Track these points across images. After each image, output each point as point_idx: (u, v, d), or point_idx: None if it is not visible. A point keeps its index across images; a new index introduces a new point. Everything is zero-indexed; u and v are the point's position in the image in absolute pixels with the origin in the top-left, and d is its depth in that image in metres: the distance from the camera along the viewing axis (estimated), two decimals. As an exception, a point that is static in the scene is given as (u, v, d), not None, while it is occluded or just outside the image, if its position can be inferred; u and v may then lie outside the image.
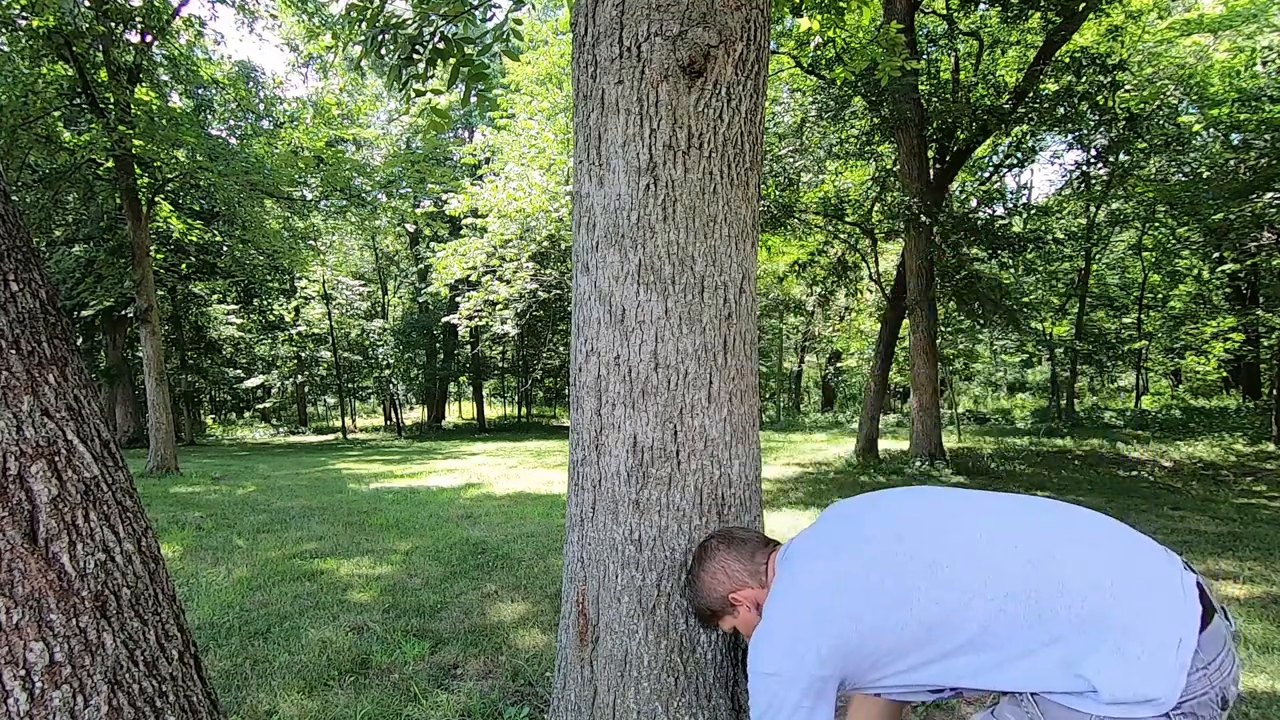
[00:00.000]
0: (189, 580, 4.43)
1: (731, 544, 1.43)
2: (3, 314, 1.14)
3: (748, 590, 1.39)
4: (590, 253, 1.63)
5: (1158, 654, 1.01)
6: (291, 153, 12.74)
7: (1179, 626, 1.03)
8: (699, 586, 1.44)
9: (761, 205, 8.34)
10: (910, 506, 1.29)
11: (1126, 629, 1.03)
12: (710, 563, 1.42)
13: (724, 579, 1.40)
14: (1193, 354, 20.19)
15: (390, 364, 27.27)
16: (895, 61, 4.70)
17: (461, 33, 3.50)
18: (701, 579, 1.43)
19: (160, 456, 11.11)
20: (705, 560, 1.44)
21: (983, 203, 13.56)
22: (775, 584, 1.32)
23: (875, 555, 1.21)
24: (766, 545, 1.43)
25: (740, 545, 1.43)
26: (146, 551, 1.28)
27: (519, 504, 7.44)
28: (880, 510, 1.31)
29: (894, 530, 1.23)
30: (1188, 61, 12.19)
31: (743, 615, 1.40)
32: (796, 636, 1.21)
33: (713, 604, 1.43)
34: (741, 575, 1.39)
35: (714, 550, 1.44)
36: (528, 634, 3.39)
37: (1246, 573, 4.34)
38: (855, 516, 1.33)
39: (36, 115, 10.61)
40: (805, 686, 1.20)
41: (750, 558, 1.40)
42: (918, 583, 1.14)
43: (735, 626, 1.44)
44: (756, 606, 1.38)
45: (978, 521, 1.20)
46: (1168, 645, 1.01)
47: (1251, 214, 9.82)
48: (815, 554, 1.30)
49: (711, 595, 1.42)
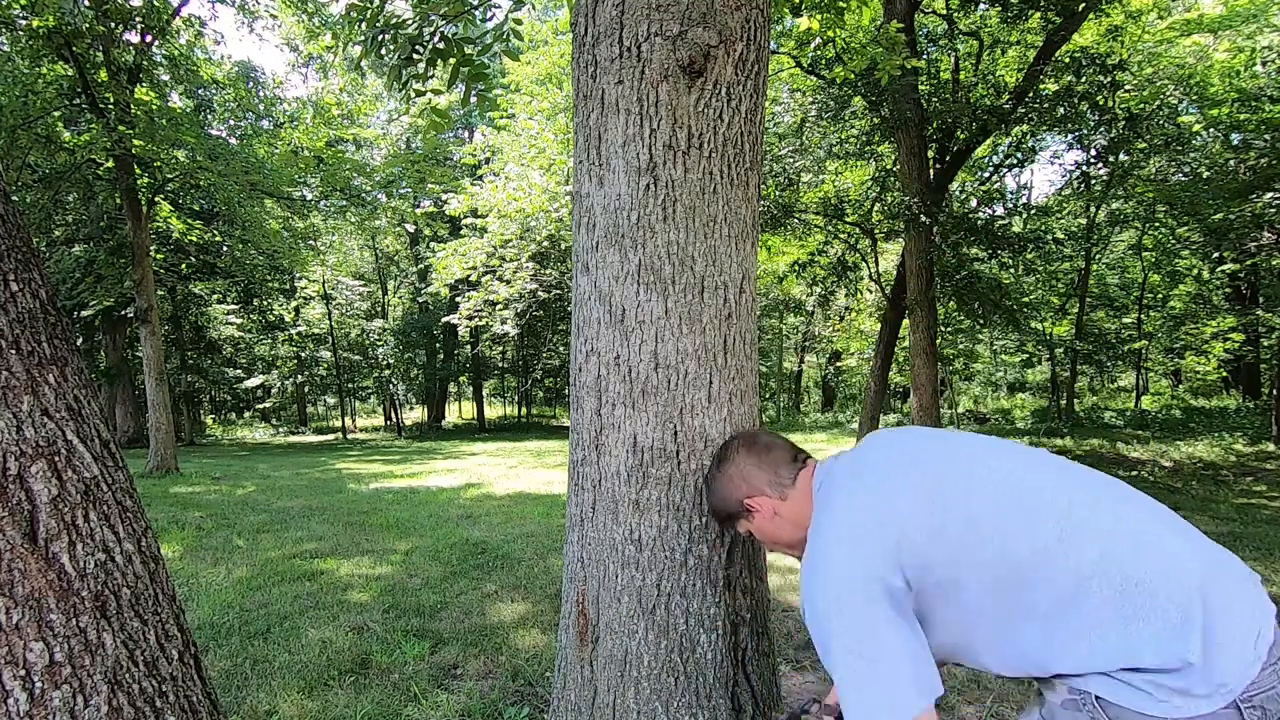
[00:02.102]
0: (189, 580, 4.43)
1: (753, 449, 1.35)
2: (3, 314, 1.14)
3: (764, 499, 1.31)
4: (590, 253, 1.63)
5: (1242, 642, 0.95)
6: (291, 153, 12.74)
7: (1260, 617, 0.98)
8: (715, 488, 1.39)
9: (761, 205, 8.34)
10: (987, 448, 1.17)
11: (1216, 614, 0.96)
12: (728, 465, 1.36)
13: (740, 484, 1.33)
14: (1193, 354, 20.19)
15: (390, 364, 27.27)
16: (895, 61, 4.70)
17: (461, 33, 3.50)
18: (718, 480, 1.37)
19: (160, 456, 11.11)
20: (724, 463, 1.37)
21: (983, 203, 13.56)
22: (820, 503, 1.20)
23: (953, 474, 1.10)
24: (795, 459, 1.33)
25: (763, 452, 1.34)
26: (146, 551, 1.28)
27: (519, 504, 7.44)
28: (952, 438, 1.20)
29: (970, 456, 1.13)
30: (1188, 61, 12.19)
31: (757, 522, 1.33)
32: (853, 555, 1.08)
33: (728, 507, 1.36)
34: (759, 483, 1.32)
35: (734, 453, 1.37)
36: (528, 634, 3.39)
37: (1246, 573, 4.33)
38: (916, 437, 1.23)
39: (36, 115, 10.61)
40: (879, 598, 1.05)
41: (773, 468, 1.32)
42: (1010, 516, 1.04)
43: (750, 531, 1.37)
44: (774, 514, 1.30)
45: (1061, 476, 1.09)
46: (1249, 635, 0.95)
47: (1251, 214, 9.82)
48: (872, 469, 1.18)
49: (728, 499, 1.35)
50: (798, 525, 1.27)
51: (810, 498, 1.26)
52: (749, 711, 1.61)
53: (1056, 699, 1.04)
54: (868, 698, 1.01)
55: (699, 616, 1.57)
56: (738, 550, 1.61)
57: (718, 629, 1.58)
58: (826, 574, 1.09)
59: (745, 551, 1.63)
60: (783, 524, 1.30)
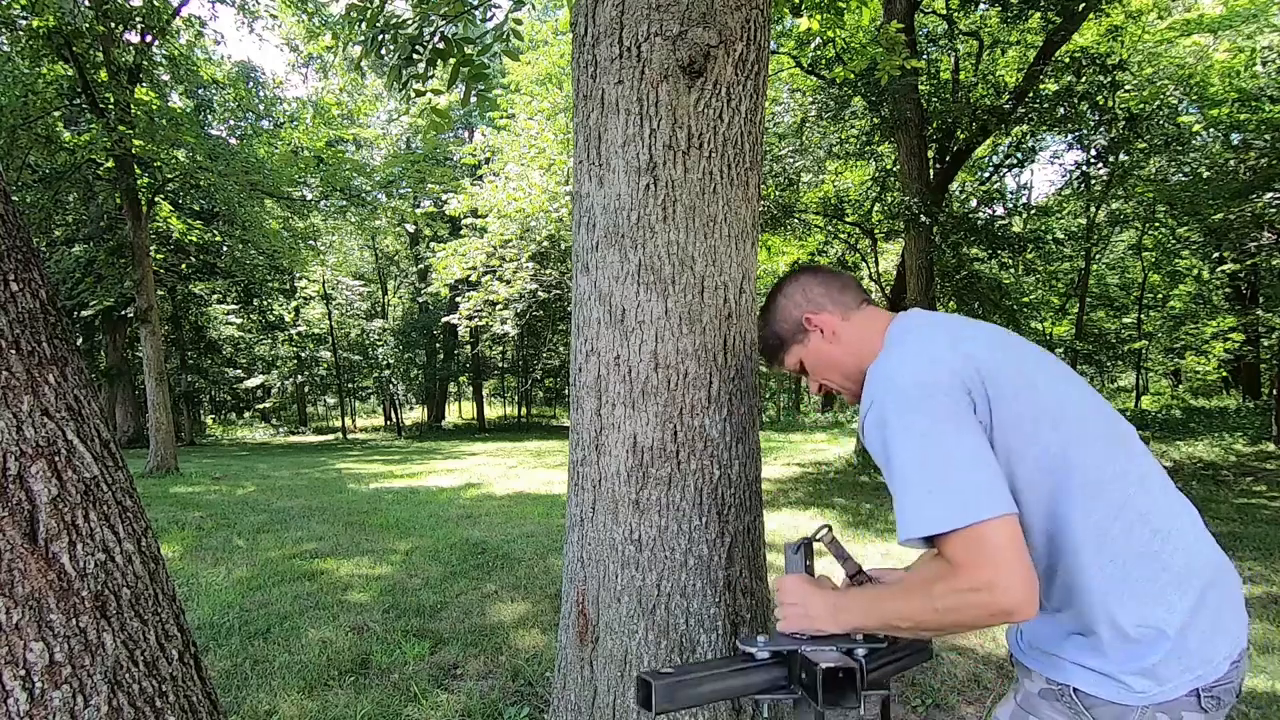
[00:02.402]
0: (189, 580, 4.43)
1: (818, 272, 1.28)
2: (3, 314, 1.14)
3: (826, 315, 1.22)
4: (590, 253, 1.63)
5: (1226, 642, 0.97)
6: (291, 153, 12.75)
7: (1242, 624, 1.01)
8: (771, 311, 1.29)
9: (761, 205, 8.35)
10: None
11: (1208, 608, 0.98)
12: (789, 285, 1.28)
13: (801, 300, 1.25)
14: (1193, 354, 20.20)
15: (390, 364, 27.27)
16: (895, 61, 4.70)
17: (461, 33, 3.50)
18: (776, 301, 1.29)
19: (160, 456, 11.11)
20: (783, 284, 1.30)
21: (983, 203, 13.57)
22: (894, 338, 1.13)
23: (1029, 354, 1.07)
24: (863, 293, 1.27)
25: (828, 275, 1.27)
26: (146, 551, 1.28)
27: (519, 504, 7.44)
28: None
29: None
30: (1188, 61, 12.19)
31: (814, 343, 1.24)
32: (935, 362, 1.00)
33: (783, 330, 1.27)
34: (822, 299, 1.24)
35: (795, 274, 1.29)
36: (528, 634, 3.39)
37: (1246, 573, 4.33)
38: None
39: (36, 115, 10.62)
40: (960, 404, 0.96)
41: (838, 289, 1.25)
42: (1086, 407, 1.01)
43: (802, 360, 1.28)
44: (834, 336, 1.22)
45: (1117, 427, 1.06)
46: (1231, 637, 0.98)
47: (1251, 214, 9.81)
48: (962, 320, 1.12)
49: (785, 319, 1.26)
50: (857, 354, 1.20)
51: (874, 328, 1.19)
52: (749, 712, 1.61)
53: (1034, 688, 1.05)
54: (937, 498, 0.90)
55: (699, 616, 1.57)
56: (738, 550, 1.61)
57: (718, 629, 1.58)
58: (902, 369, 1.01)
59: (745, 552, 1.63)
60: (841, 350, 1.22)
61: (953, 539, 0.89)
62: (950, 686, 2.79)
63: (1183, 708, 0.94)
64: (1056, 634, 1.03)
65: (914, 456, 0.94)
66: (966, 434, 0.94)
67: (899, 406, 0.97)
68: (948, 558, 0.90)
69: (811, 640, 1.07)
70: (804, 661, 1.02)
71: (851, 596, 1.07)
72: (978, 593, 0.87)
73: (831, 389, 1.29)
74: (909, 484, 0.93)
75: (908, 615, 0.96)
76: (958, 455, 0.92)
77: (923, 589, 0.93)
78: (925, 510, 0.90)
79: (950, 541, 0.89)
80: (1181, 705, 0.94)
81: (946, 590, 0.89)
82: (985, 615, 0.87)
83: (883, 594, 1.05)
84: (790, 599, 1.11)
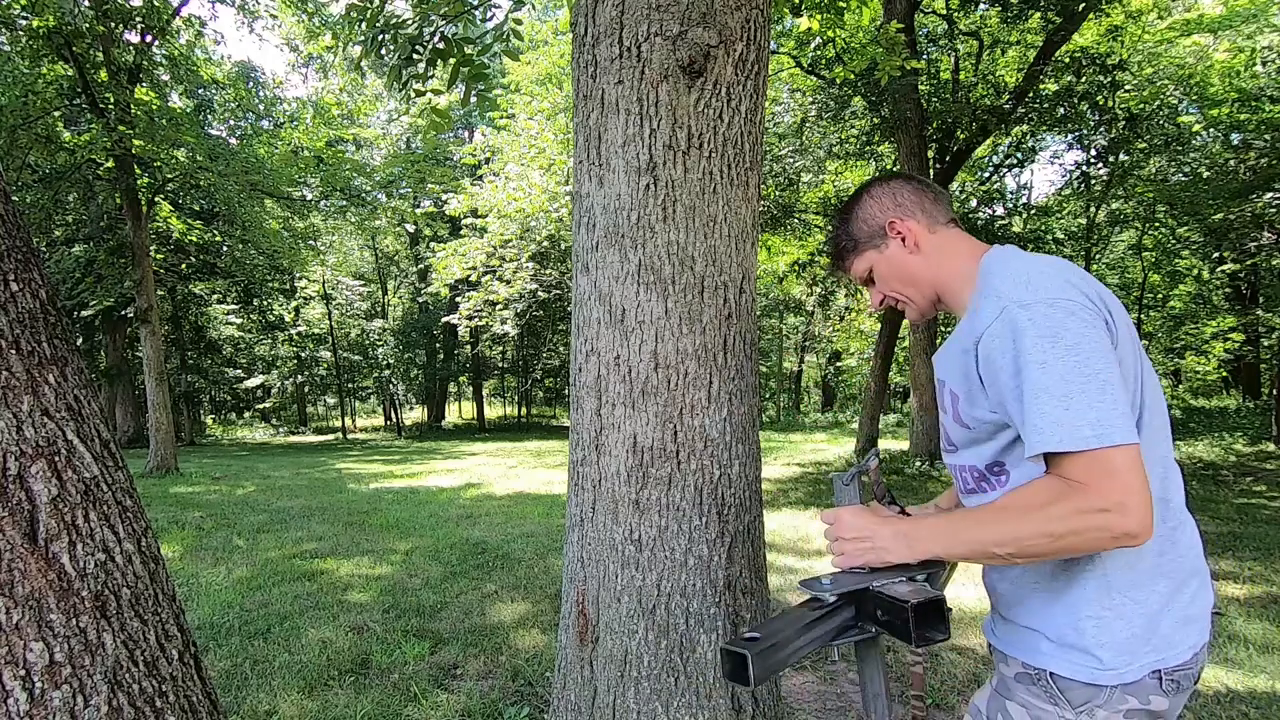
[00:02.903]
0: (189, 580, 4.43)
1: (910, 180, 1.22)
2: (3, 314, 1.14)
3: (913, 223, 1.17)
4: (590, 253, 1.63)
5: (1196, 631, 1.02)
6: (291, 153, 12.75)
7: (1207, 619, 1.05)
8: (853, 210, 1.23)
9: (761, 205, 8.34)
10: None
11: (1195, 586, 1.04)
12: (878, 187, 1.22)
13: (889, 204, 1.19)
14: (1193, 354, 20.20)
15: (390, 364, 27.27)
16: (895, 61, 4.70)
17: (461, 33, 3.50)
18: (861, 201, 1.23)
19: (160, 456, 11.11)
20: (872, 185, 1.24)
21: (983, 203, 13.56)
22: (998, 261, 1.08)
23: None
24: (952, 212, 1.21)
25: (921, 185, 1.21)
26: (146, 551, 1.28)
27: (519, 504, 7.44)
28: None
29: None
30: (1188, 61, 12.19)
31: (893, 250, 1.18)
32: (1070, 280, 0.97)
33: (861, 232, 1.21)
34: (912, 207, 1.18)
35: (887, 178, 1.23)
36: (528, 634, 3.39)
37: (1246, 573, 4.34)
38: None
39: (36, 115, 10.61)
40: (1100, 324, 0.94)
41: (931, 200, 1.19)
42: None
43: (873, 267, 1.22)
44: (916, 246, 1.17)
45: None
46: (1200, 628, 1.03)
47: (1251, 214, 9.82)
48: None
49: (868, 220, 1.20)
50: (936, 270, 1.16)
51: (961, 249, 1.16)
52: (749, 711, 1.61)
53: (1010, 672, 1.06)
54: (1076, 415, 0.87)
55: (699, 616, 1.57)
56: (738, 550, 1.61)
57: (718, 629, 1.58)
58: (1042, 282, 0.96)
59: (745, 551, 1.63)
60: (920, 262, 1.17)
61: (1085, 458, 0.87)
62: (950, 686, 2.79)
63: (1149, 690, 0.97)
64: (1041, 603, 1.04)
65: (1055, 369, 0.90)
66: (1106, 356, 0.91)
67: (1041, 317, 0.93)
68: (1074, 477, 0.88)
69: (874, 573, 1.02)
70: (878, 599, 0.97)
71: (924, 525, 1.03)
72: (1107, 513, 0.85)
73: (897, 301, 1.23)
74: (1045, 397, 0.90)
75: (1011, 540, 0.92)
76: (1100, 375, 0.89)
77: (1033, 511, 0.90)
78: (1066, 426, 0.87)
79: (1079, 461, 0.87)
80: (1147, 688, 0.97)
81: (1070, 510, 0.87)
82: (1108, 537, 0.86)
83: (968, 520, 1.00)
84: (852, 532, 1.07)
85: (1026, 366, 0.92)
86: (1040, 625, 1.03)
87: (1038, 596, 1.04)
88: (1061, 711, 1.00)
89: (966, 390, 1.05)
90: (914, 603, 0.91)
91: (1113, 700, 0.97)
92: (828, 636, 0.99)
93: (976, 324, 1.01)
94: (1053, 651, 1.01)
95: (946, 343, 1.12)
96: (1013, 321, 0.94)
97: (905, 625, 0.91)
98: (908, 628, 0.91)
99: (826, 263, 1.45)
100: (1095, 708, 0.98)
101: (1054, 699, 1.00)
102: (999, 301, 0.98)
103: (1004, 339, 0.95)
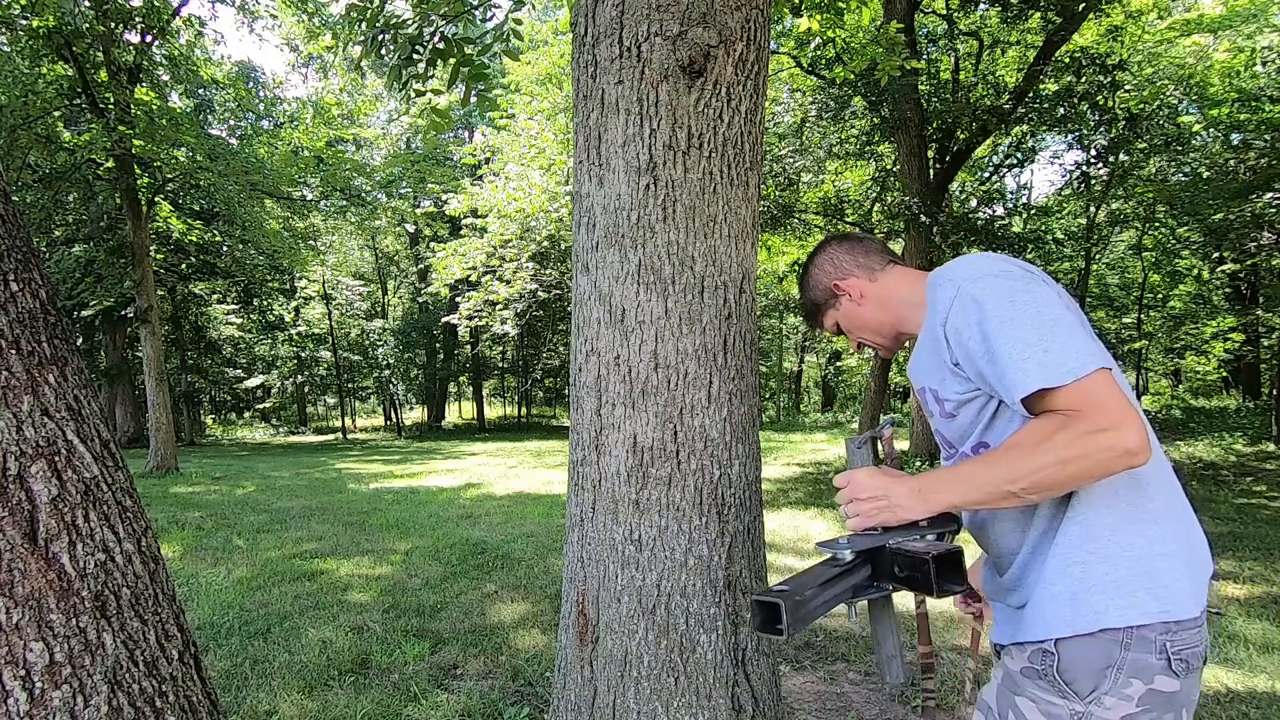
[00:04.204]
0: (189, 580, 4.43)
1: (844, 240, 1.38)
2: (3, 314, 1.14)
3: (854, 280, 1.32)
4: (590, 253, 1.63)
5: (1200, 578, 1.03)
6: (291, 153, 12.75)
7: (1209, 565, 1.07)
8: (806, 280, 1.41)
9: (761, 205, 8.35)
10: None
11: (1191, 534, 1.05)
12: (818, 256, 1.39)
13: (830, 268, 1.35)
14: (1193, 354, 20.19)
15: (390, 364, 27.27)
16: (895, 61, 4.70)
17: (461, 33, 3.50)
18: (808, 271, 1.40)
19: (160, 456, 11.11)
20: (814, 254, 1.41)
21: (983, 203, 13.57)
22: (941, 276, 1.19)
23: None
24: (888, 255, 1.36)
25: (854, 243, 1.37)
26: (146, 551, 1.28)
27: (519, 504, 7.44)
28: None
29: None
30: (1188, 61, 12.19)
31: (845, 307, 1.35)
32: (1002, 259, 1.08)
33: (816, 295, 1.38)
34: (849, 265, 1.34)
35: (825, 245, 1.40)
36: (528, 634, 3.39)
37: (1246, 573, 4.34)
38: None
39: (36, 115, 10.61)
40: (1030, 274, 1.04)
41: (864, 254, 1.34)
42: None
43: (838, 322, 1.38)
44: (861, 297, 1.32)
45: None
46: (1205, 579, 1.05)
47: (1251, 214, 9.82)
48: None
49: (817, 285, 1.37)
50: (884, 313, 1.30)
51: (903, 283, 1.28)
52: (749, 711, 1.61)
53: (1016, 666, 1.08)
54: (1055, 354, 0.94)
55: (699, 616, 1.57)
56: (738, 550, 1.61)
57: (718, 629, 1.58)
58: (982, 263, 1.07)
59: (745, 551, 1.63)
60: (871, 308, 1.31)
61: (1070, 389, 0.93)
62: (950, 687, 2.79)
63: (1155, 670, 0.97)
64: (1035, 576, 1.07)
65: (1022, 322, 0.98)
66: (1057, 306, 1.00)
67: (992, 286, 1.03)
68: (1068, 408, 0.93)
69: (888, 531, 1.06)
70: (896, 555, 1.01)
71: (936, 478, 1.05)
72: (1106, 433, 0.90)
73: (867, 344, 1.38)
74: (1021, 346, 0.96)
75: (1023, 474, 0.95)
76: (1063, 319, 0.98)
77: (1038, 444, 0.94)
78: (1046, 367, 0.94)
79: (1067, 392, 0.93)
80: (1153, 667, 0.97)
81: (1071, 438, 0.91)
82: (1112, 457, 0.90)
83: (976, 466, 1.03)
84: (867, 492, 1.10)
85: (994, 328, 1.00)
86: (1036, 596, 1.05)
87: (1030, 571, 1.07)
88: (1071, 704, 0.99)
89: (942, 378, 1.12)
90: (934, 554, 0.95)
91: (1118, 684, 0.97)
92: (846, 594, 1.03)
93: (936, 313, 1.10)
94: (1053, 615, 1.02)
95: (914, 351, 1.20)
96: (970, 295, 1.03)
97: (927, 577, 0.95)
98: (929, 580, 0.95)
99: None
100: (1103, 695, 0.98)
101: (1062, 691, 1.01)
102: (952, 285, 1.07)
103: (966, 313, 1.04)
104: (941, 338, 1.09)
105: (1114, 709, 0.97)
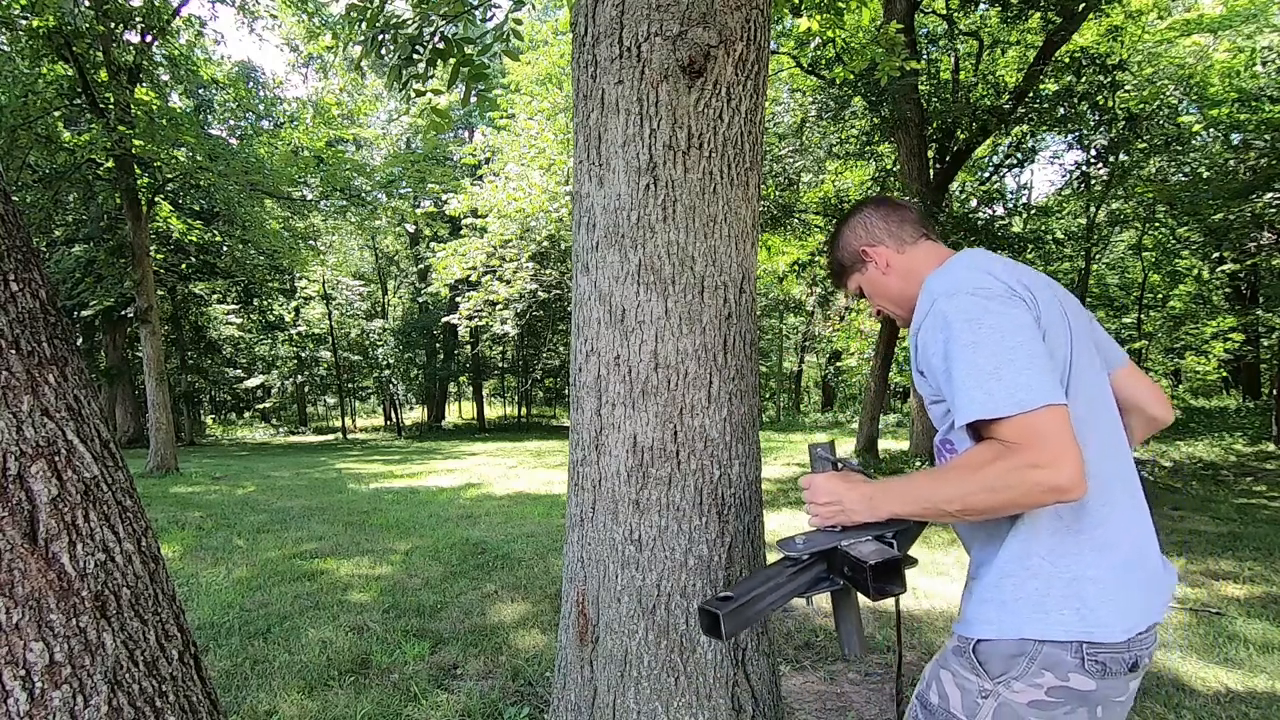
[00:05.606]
0: (189, 580, 4.43)
1: (881, 205, 1.37)
2: (3, 314, 1.14)
3: (883, 249, 1.33)
4: (590, 253, 1.63)
5: (1138, 608, 1.06)
6: (291, 153, 12.74)
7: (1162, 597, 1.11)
8: (836, 240, 1.41)
9: (761, 205, 8.34)
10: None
11: (1138, 566, 1.08)
12: (854, 217, 1.38)
13: (862, 233, 1.35)
14: (1193, 354, 20.19)
15: (390, 364, 27.26)
16: (895, 61, 4.70)
17: (461, 33, 3.50)
18: (841, 231, 1.40)
19: (160, 456, 11.11)
20: (850, 215, 1.40)
21: (983, 203, 13.57)
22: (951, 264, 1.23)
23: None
24: (923, 228, 1.35)
25: (889, 209, 1.36)
26: (146, 551, 1.28)
27: (519, 504, 7.44)
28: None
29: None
30: (1188, 61, 12.19)
31: (870, 273, 1.35)
32: (991, 273, 1.09)
33: (844, 257, 1.39)
34: (880, 233, 1.33)
35: (862, 206, 1.39)
36: (528, 634, 3.39)
37: (1246, 573, 4.33)
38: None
39: (36, 115, 10.61)
40: (1020, 305, 1.04)
41: (898, 223, 1.33)
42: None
43: (861, 286, 1.39)
44: (888, 266, 1.32)
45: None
46: (1151, 606, 1.09)
47: (1251, 214, 9.82)
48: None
49: (846, 248, 1.38)
50: (904, 287, 1.31)
51: (929, 261, 1.28)
52: (749, 711, 1.61)
53: (950, 644, 1.14)
54: (1003, 385, 0.96)
55: (699, 616, 1.57)
56: (738, 550, 1.61)
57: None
58: (961, 277, 1.09)
59: (745, 551, 1.63)
60: (893, 280, 1.32)
61: (1014, 422, 0.95)
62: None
63: (1068, 667, 1.00)
64: (979, 581, 1.11)
65: (980, 350, 1.01)
66: (1028, 331, 1.01)
67: (963, 306, 1.05)
68: (1008, 439, 0.95)
69: (844, 531, 1.12)
70: (845, 556, 1.08)
71: (885, 487, 1.11)
72: (1038, 469, 0.92)
73: (886, 312, 1.40)
74: (974, 373, 0.99)
75: (957, 497, 0.99)
76: (1023, 348, 0.99)
77: (974, 470, 0.98)
78: (994, 396, 0.96)
79: (1011, 424, 0.95)
80: (1067, 665, 1.00)
81: (1005, 469, 0.94)
82: (1039, 491, 0.93)
83: (920, 480, 1.07)
84: (824, 497, 1.15)
85: (955, 350, 1.03)
86: (975, 597, 1.11)
87: (979, 572, 1.13)
88: (981, 682, 1.05)
89: (918, 374, 1.17)
90: (872, 563, 1.03)
91: (1029, 672, 1.01)
92: (801, 589, 1.11)
93: (915, 318, 1.15)
94: (980, 618, 1.08)
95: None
96: (941, 314, 1.06)
97: (864, 581, 1.04)
98: (867, 583, 1.03)
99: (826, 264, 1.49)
100: (1011, 679, 1.02)
101: (975, 669, 1.06)
102: (929, 297, 1.11)
103: (934, 329, 1.07)
104: (914, 345, 1.14)
105: (1021, 694, 1.02)
